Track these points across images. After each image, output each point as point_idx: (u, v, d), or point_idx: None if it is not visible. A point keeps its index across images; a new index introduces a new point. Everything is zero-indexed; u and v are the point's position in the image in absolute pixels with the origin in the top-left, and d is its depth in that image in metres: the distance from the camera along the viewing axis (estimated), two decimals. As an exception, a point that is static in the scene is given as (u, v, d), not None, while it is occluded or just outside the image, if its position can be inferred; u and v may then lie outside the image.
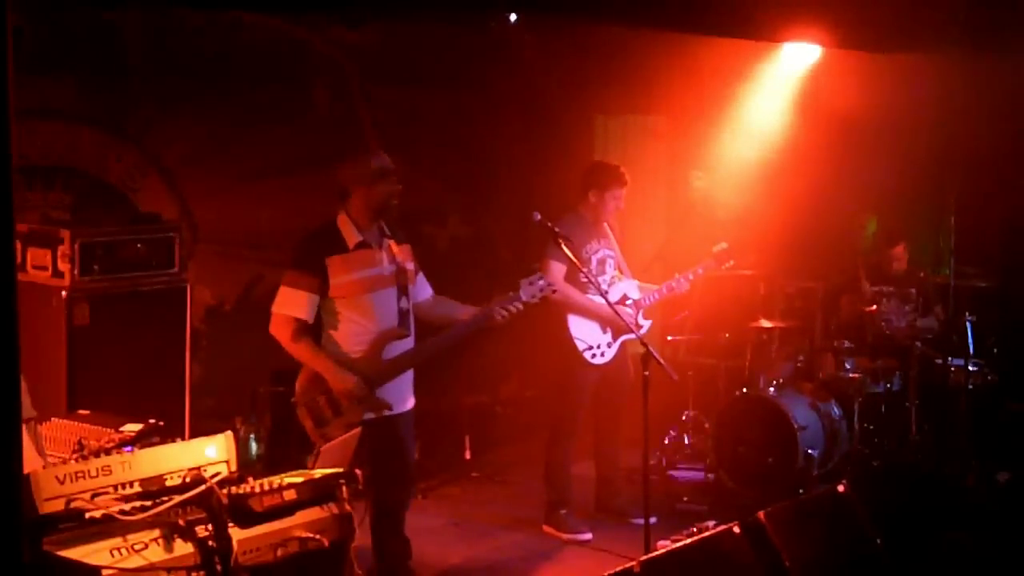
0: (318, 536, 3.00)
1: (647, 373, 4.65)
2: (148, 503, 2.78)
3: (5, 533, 1.94)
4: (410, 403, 4.80)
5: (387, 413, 4.62)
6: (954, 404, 6.45)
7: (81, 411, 4.14)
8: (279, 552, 2.93)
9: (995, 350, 6.79)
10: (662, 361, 4.74)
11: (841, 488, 4.07)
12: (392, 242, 4.72)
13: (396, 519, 4.88)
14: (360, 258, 4.60)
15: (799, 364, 6.92)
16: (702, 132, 7.89)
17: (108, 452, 3.05)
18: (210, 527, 2.77)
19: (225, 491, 2.89)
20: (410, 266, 4.79)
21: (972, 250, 6.67)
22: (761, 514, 3.66)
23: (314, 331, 4.64)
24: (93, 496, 2.76)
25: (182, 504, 2.80)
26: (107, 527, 2.69)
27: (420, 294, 4.87)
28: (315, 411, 4.55)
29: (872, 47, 6.90)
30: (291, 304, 4.54)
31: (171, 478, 2.93)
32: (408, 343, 4.72)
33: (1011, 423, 6.55)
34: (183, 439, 3.24)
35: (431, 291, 4.95)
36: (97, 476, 2.81)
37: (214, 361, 6.48)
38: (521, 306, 4.73)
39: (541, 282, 4.79)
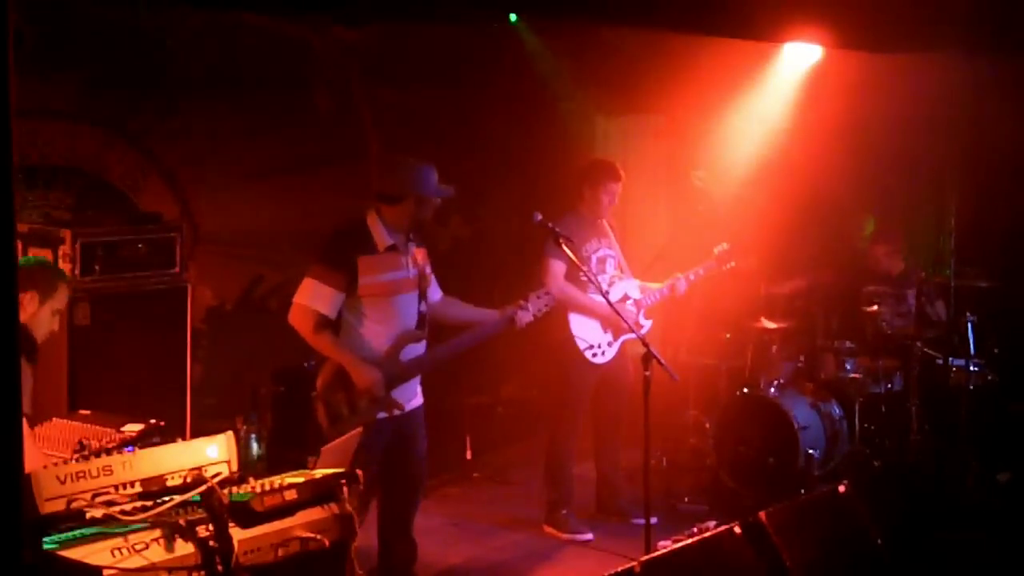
0: (319, 536, 2.99)
1: (648, 373, 4.65)
2: (149, 503, 2.78)
3: (5, 533, 1.94)
4: (417, 400, 4.84)
5: (396, 413, 4.64)
6: (955, 404, 6.43)
7: (82, 411, 4.13)
8: (280, 552, 2.92)
9: (996, 350, 6.78)
10: (663, 361, 4.74)
11: (842, 488, 4.07)
12: (414, 246, 4.78)
13: (404, 520, 4.90)
14: (388, 261, 4.65)
15: (800, 364, 6.92)
16: (702, 132, 7.88)
17: (109, 452, 3.05)
18: (211, 527, 2.77)
19: (226, 491, 2.89)
20: (428, 270, 4.86)
21: (973, 250, 6.67)
22: (762, 514, 3.65)
23: (333, 327, 4.66)
24: (94, 496, 2.76)
25: (183, 504, 2.80)
26: (108, 527, 2.69)
27: (432, 296, 4.91)
28: (332, 408, 4.57)
29: (873, 47, 6.89)
30: (316, 297, 4.56)
31: (172, 478, 2.93)
32: (422, 346, 4.77)
33: (1011, 423, 6.54)
34: (184, 439, 3.23)
35: (441, 292, 4.99)
36: (98, 476, 2.81)
37: (215, 361, 6.48)
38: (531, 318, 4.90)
39: (548, 296, 4.92)
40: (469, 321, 4.95)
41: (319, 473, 3.16)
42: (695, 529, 3.65)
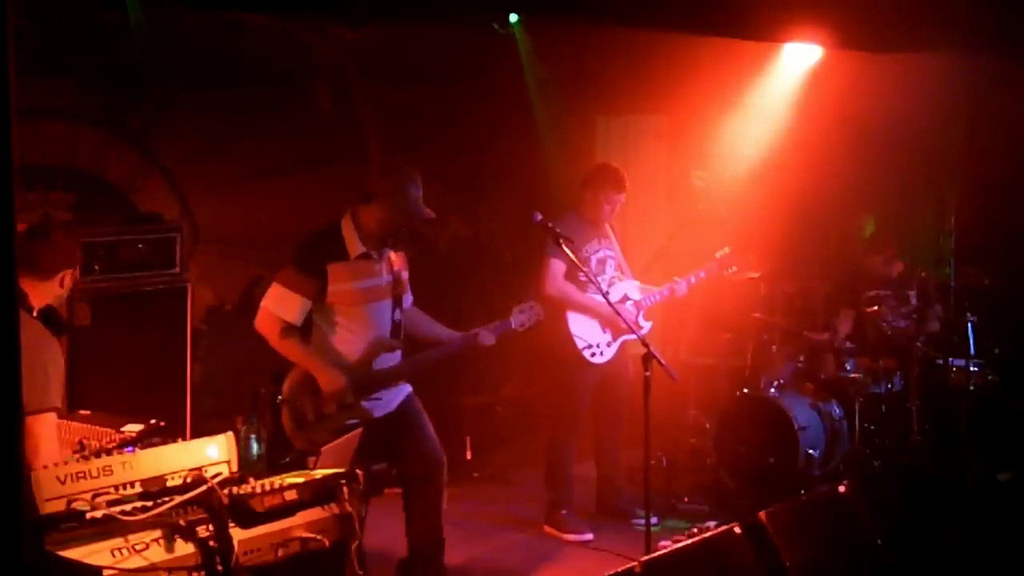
0: (319, 536, 2.99)
1: (648, 373, 4.65)
2: (149, 503, 2.78)
3: (6, 533, 1.94)
4: (402, 394, 4.75)
5: (378, 414, 4.58)
6: (955, 404, 6.44)
7: (82, 411, 4.13)
8: (280, 552, 2.92)
9: (996, 350, 6.79)
10: (663, 361, 4.74)
11: (842, 488, 4.07)
12: (390, 251, 4.70)
13: (429, 507, 4.80)
14: (361, 268, 4.56)
15: (800, 364, 6.92)
16: (702, 132, 7.88)
17: (109, 452, 3.05)
18: (211, 527, 2.77)
19: (226, 491, 2.89)
20: (404, 275, 4.78)
21: (973, 250, 6.67)
22: (762, 514, 3.65)
23: (305, 332, 4.59)
24: (94, 496, 2.76)
25: (183, 504, 2.79)
26: (108, 527, 2.69)
27: (404, 302, 4.84)
28: (298, 413, 4.52)
29: (873, 47, 6.89)
30: (283, 304, 4.49)
31: (172, 478, 2.93)
32: (396, 356, 4.71)
33: (1012, 423, 6.55)
34: (184, 439, 3.23)
35: (411, 299, 4.91)
36: (98, 476, 2.81)
37: (215, 361, 6.48)
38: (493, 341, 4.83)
39: (532, 311, 4.90)
40: (431, 339, 4.86)
41: (319, 473, 3.16)
42: (695, 529, 3.65)
